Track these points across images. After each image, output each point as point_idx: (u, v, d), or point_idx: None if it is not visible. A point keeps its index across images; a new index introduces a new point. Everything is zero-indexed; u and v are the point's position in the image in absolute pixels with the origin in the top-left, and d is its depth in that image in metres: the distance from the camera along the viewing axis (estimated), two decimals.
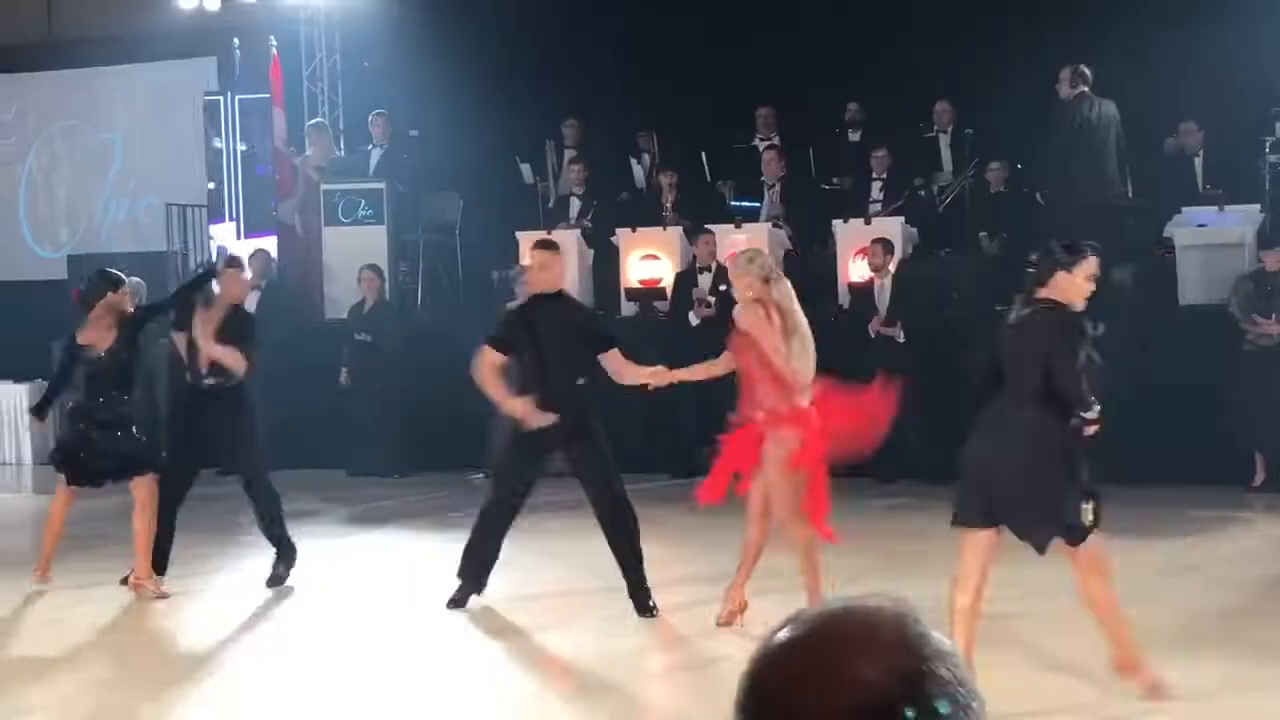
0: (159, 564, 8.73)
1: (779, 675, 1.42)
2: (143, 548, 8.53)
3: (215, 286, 8.98)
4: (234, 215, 15.53)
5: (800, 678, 1.41)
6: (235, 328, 8.78)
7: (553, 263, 7.92)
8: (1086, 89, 12.38)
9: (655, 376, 7.78)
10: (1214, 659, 6.81)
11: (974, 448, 6.15)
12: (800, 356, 7.08)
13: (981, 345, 6.58)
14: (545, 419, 7.53)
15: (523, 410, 7.64)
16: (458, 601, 8.02)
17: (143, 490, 8.57)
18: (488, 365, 7.81)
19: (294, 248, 14.93)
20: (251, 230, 15.43)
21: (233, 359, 8.65)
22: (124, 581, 8.70)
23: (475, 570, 8.00)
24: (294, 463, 13.54)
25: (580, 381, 7.70)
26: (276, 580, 8.82)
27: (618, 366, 7.79)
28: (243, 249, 15.08)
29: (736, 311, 7.30)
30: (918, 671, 1.40)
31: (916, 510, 10.76)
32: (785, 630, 1.45)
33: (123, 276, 8.90)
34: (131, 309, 8.82)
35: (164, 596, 8.54)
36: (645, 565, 7.77)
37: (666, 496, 11.08)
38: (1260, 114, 12.59)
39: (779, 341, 7.03)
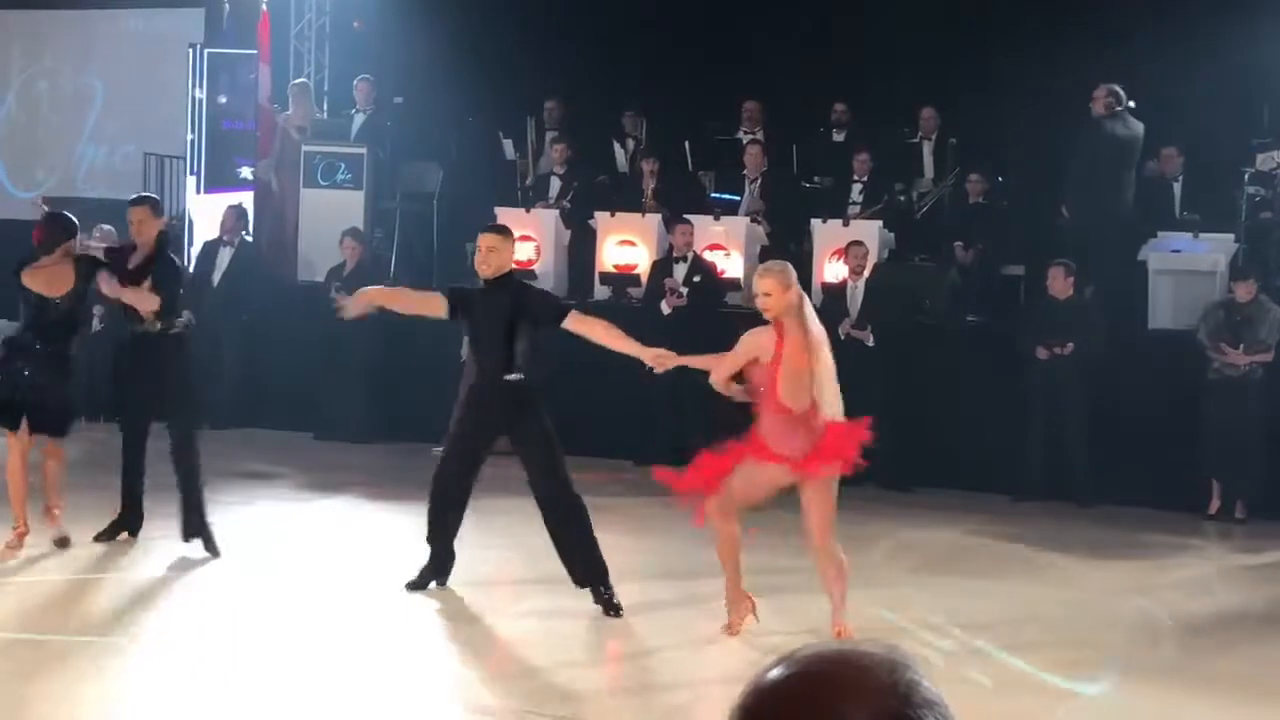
0: (134, 507, 8.86)
1: (768, 714, 1.44)
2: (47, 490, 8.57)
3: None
4: (195, 170, 15.42)
5: (790, 716, 1.42)
6: (157, 270, 8.62)
7: (501, 246, 7.77)
8: (1120, 108, 12.47)
9: (660, 360, 7.32)
10: (1153, 686, 6.88)
11: None
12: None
13: None
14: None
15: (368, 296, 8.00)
16: (417, 585, 7.92)
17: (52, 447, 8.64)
18: (414, 293, 8.21)
19: (269, 207, 14.85)
20: (212, 186, 15.33)
21: (138, 299, 8.48)
22: (98, 538, 8.73)
23: (441, 554, 7.93)
24: (262, 423, 13.55)
25: (513, 375, 7.54)
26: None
27: (590, 329, 7.50)
28: (204, 204, 15.05)
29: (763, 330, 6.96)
30: (906, 718, 1.42)
31: (875, 514, 10.81)
32: (776, 669, 1.47)
33: (75, 222, 8.79)
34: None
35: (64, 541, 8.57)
36: (602, 557, 7.59)
37: (627, 482, 11.11)
38: (1241, 145, 12.68)
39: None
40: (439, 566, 7.96)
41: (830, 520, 7.00)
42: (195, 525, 8.65)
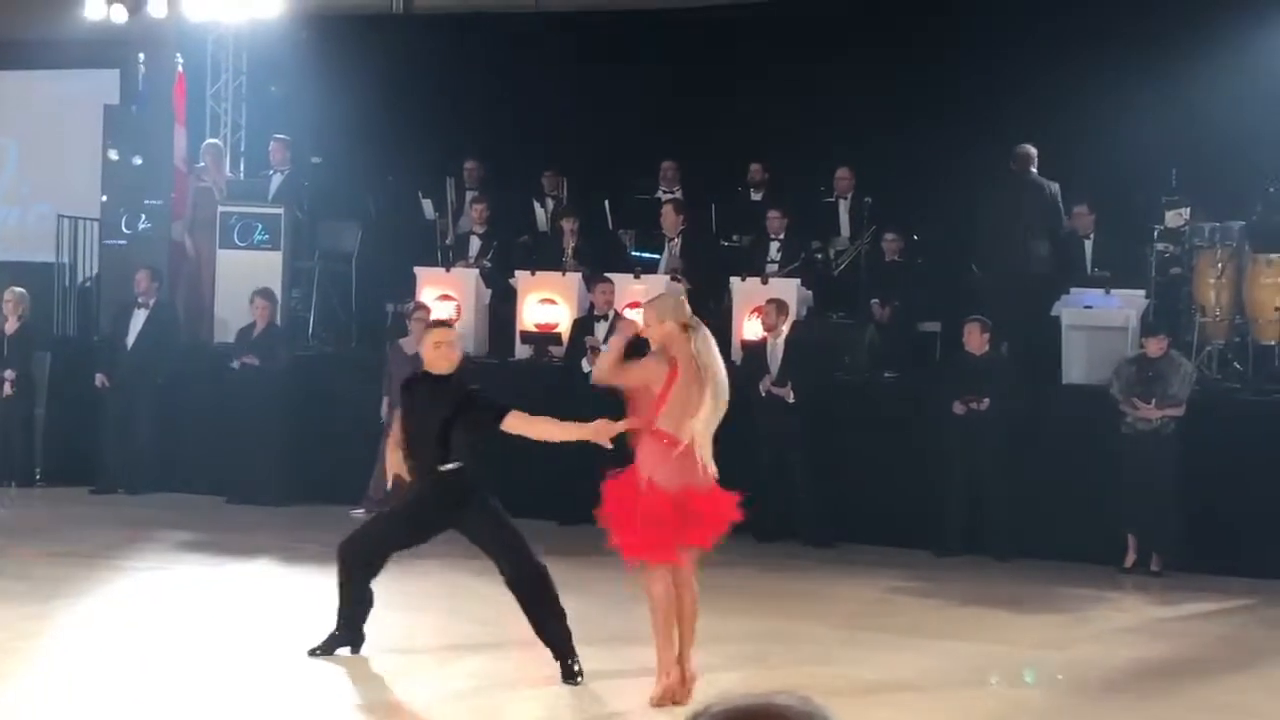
0: None
1: None
2: None
3: None
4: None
5: None
6: None
7: (452, 344, 7.59)
8: (1032, 169, 12.69)
9: (601, 432, 7.02)
10: None
11: None
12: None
13: None
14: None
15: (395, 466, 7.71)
16: (324, 649, 7.76)
17: None
18: (392, 441, 7.85)
19: (184, 268, 14.71)
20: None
21: None
22: None
23: (351, 618, 7.78)
24: (174, 487, 13.36)
25: (449, 466, 7.38)
26: None
27: (531, 427, 7.33)
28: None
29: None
30: None
31: (797, 570, 10.82)
32: None
33: None
34: None
35: None
36: (567, 626, 7.41)
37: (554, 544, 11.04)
38: (1151, 202, 12.92)
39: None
40: (352, 633, 7.83)
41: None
42: None
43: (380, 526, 7.80)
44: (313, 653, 7.75)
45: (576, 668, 7.39)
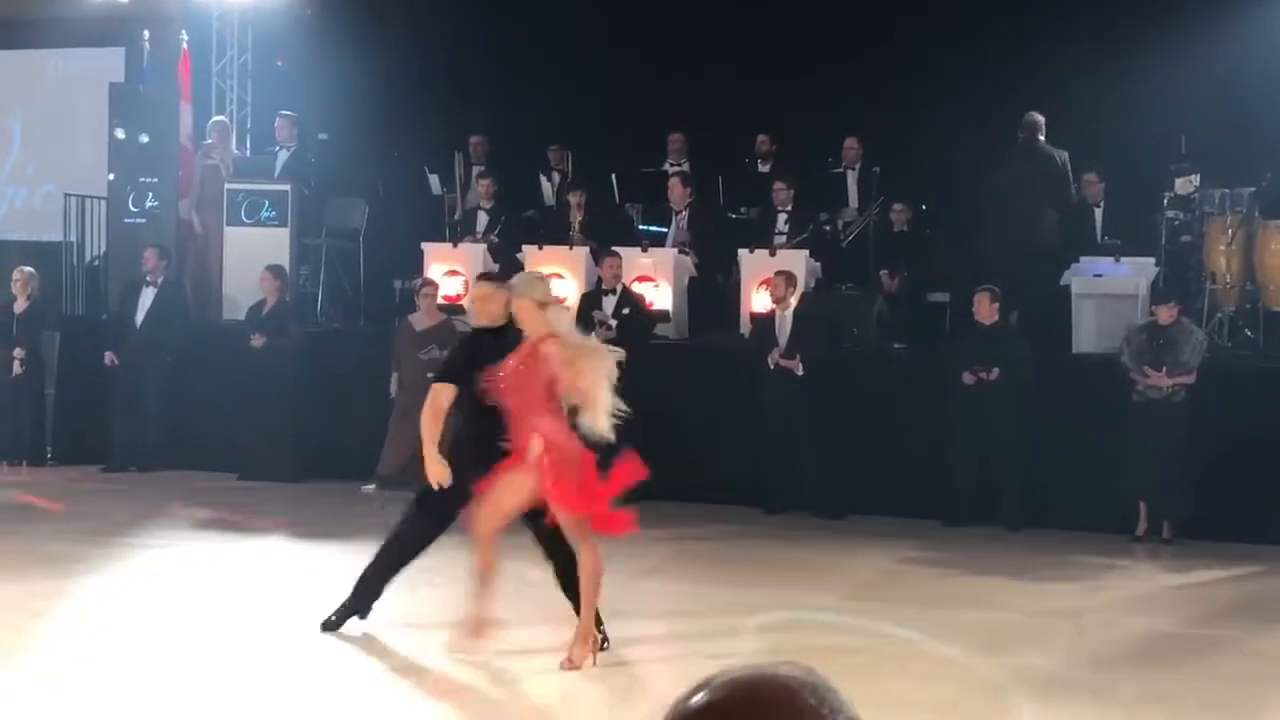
0: None
1: None
2: None
3: None
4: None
5: None
6: None
7: (494, 295, 7.55)
8: (1041, 137, 12.63)
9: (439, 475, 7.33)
10: (1084, 707, 6.90)
11: None
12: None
13: None
14: (445, 477, 7.30)
15: (437, 473, 7.33)
16: (333, 624, 7.74)
17: None
18: (437, 407, 7.39)
19: (191, 246, 14.71)
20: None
21: None
22: None
23: (364, 595, 7.76)
24: (184, 464, 13.38)
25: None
26: None
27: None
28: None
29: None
30: None
31: (807, 542, 10.83)
32: (698, 696, 1.45)
33: None
34: None
35: None
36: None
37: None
38: (1160, 169, 12.86)
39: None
40: (362, 604, 7.78)
41: (506, 518, 7.09)
42: None
43: (431, 496, 7.61)
44: (325, 626, 7.73)
45: (601, 636, 7.38)
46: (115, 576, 9.19)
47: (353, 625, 7.80)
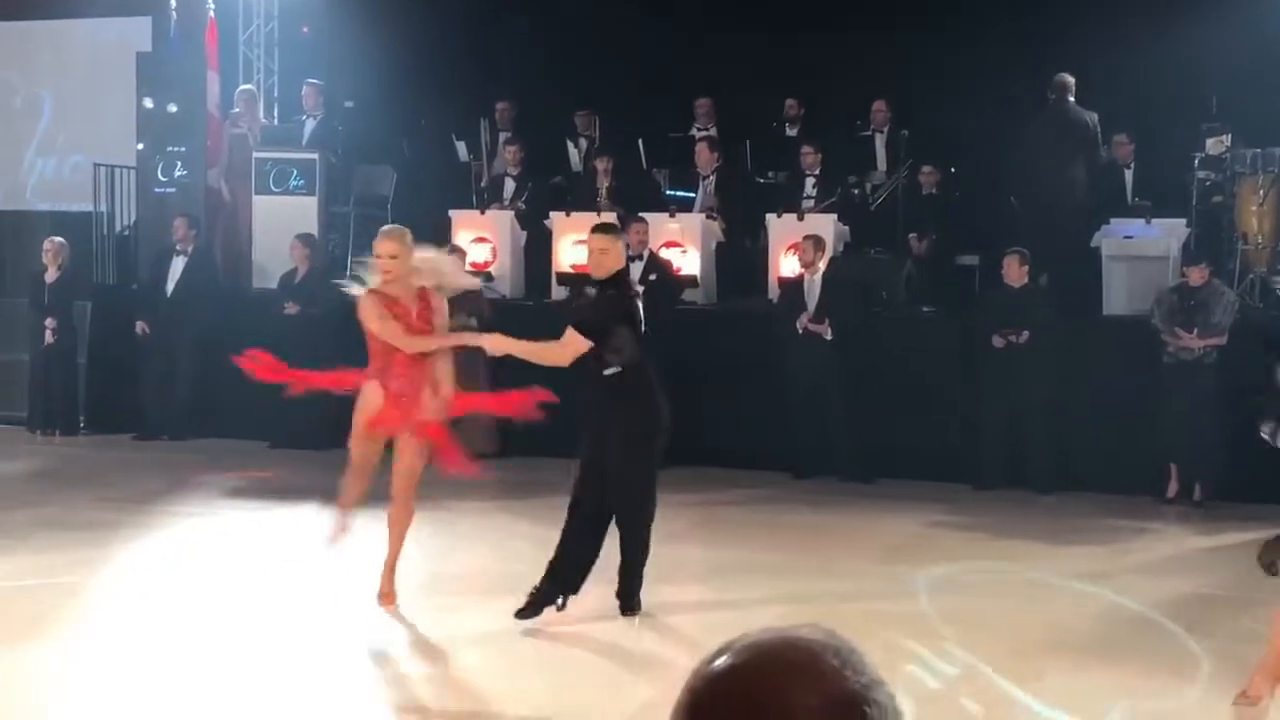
0: None
1: (720, 702, 1.42)
2: None
3: None
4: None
5: (742, 704, 1.41)
6: None
7: (611, 246, 7.45)
8: (1070, 98, 12.55)
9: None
10: (1114, 670, 6.91)
11: None
12: None
13: None
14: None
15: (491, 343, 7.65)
16: (531, 612, 7.37)
17: None
18: (568, 356, 7.26)
19: (220, 215, 14.76)
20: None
21: None
22: None
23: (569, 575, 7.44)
24: (216, 432, 13.45)
25: (609, 370, 7.26)
26: None
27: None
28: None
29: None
30: (858, 697, 1.41)
31: (836, 505, 10.83)
32: (724, 657, 1.46)
33: None
34: None
35: None
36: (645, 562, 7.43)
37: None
38: (1190, 130, 12.76)
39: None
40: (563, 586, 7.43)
41: (416, 474, 7.61)
42: None
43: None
44: (520, 615, 7.41)
45: (635, 600, 7.44)
46: (152, 544, 9.27)
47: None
